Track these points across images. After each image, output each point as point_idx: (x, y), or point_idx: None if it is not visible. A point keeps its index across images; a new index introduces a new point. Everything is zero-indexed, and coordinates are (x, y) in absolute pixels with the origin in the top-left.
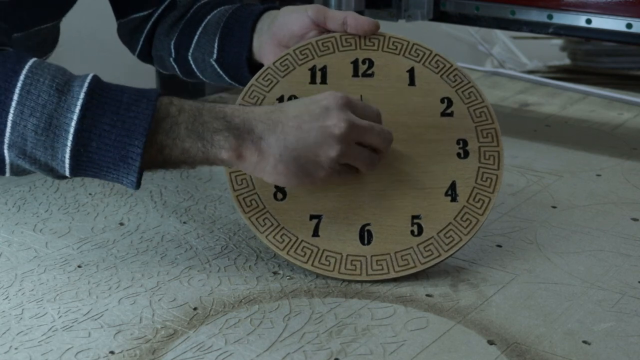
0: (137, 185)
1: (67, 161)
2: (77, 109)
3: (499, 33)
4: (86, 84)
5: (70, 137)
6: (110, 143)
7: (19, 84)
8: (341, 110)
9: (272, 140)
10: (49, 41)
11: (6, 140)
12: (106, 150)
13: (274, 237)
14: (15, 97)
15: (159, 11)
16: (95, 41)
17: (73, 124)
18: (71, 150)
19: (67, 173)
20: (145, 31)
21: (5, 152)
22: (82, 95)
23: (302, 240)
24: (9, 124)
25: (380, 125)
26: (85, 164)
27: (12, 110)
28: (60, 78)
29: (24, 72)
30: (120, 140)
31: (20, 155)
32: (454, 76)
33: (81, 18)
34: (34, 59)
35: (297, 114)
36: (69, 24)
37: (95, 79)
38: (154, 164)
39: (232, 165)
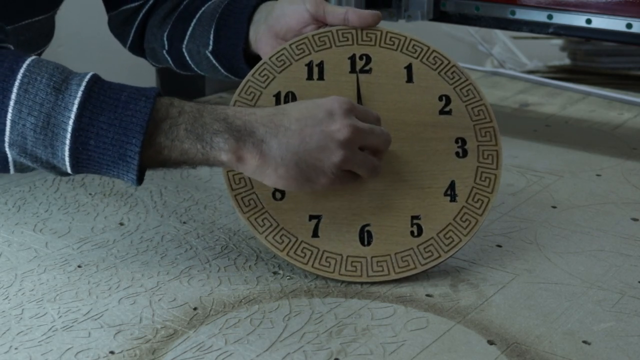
0: (139, 182)
1: (67, 159)
2: (75, 107)
3: (499, 33)
4: (84, 82)
5: (69, 135)
6: (108, 141)
7: (17, 83)
8: (345, 115)
9: (273, 144)
10: (42, 36)
11: (6, 139)
12: (104, 148)
13: (273, 237)
14: (13, 96)
15: (150, 2)
16: (95, 41)
17: (70, 122)
18: (70, 149)
19: (69, 170)
20: (137, 23)
21: (7, 150)
22: (79, 93)
23: (301, 241)
24: (8, 123)
25: (380, 127)
26: (85, 161)
27: (10, 110)
28: (58, 76)
29: (22, 70)
30: (117, 138)
31: (21, 153)
32: (452, 73)
33: (81, 18)
34: (32, 57)
35: (300, 117)
36: (69, 23)
37: (95, 78)
38: (154, 163)
39: (233, 168)
